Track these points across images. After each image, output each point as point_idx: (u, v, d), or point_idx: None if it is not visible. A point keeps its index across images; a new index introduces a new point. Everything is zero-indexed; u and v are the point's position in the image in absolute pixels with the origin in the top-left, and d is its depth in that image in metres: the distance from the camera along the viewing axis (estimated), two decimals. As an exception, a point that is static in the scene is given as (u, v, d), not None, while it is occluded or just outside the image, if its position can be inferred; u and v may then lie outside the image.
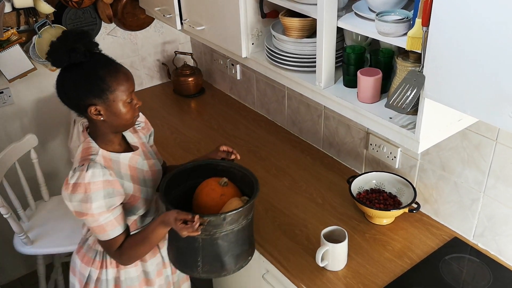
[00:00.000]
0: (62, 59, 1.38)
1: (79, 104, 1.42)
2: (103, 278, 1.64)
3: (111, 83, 1.40)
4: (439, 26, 1.15)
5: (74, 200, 1.42)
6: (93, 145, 1.48)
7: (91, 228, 1.49)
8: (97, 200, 1.41)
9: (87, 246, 1.65)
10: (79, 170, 1.41)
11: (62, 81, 1.42)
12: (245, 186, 1.63)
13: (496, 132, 1.55)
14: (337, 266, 1.65)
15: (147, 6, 2.51)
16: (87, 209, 1.42)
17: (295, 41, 1.67)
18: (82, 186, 1.40)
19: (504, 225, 1.63)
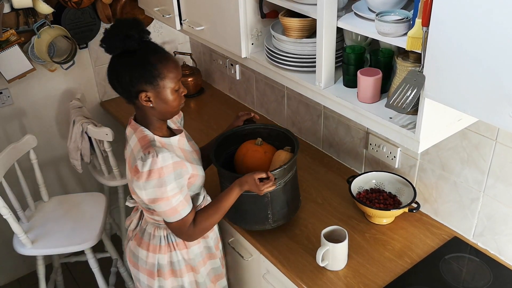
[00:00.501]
0: (117, 46, 1.42)
1: (130, 90, 1.46)
2: (174, 260, 1.69)
3: (162, 70, 1.45)
4: (439, 26, 1.15)
5: (149, 187, 1.45)
6: (147, 132, 1.52)
7: (162, 213, 1.51)
8: (171, 183, 1.46)
9: (148, 235, 1.68)
10: (149, 157, 1.44)
11: (115, 67, 1.46)
12: (274, 140, 1.84)
13: (496, 132, 1.55)
14: (338, 266, 1.65)
15: (146, 7, 2.51)
16: (162, 193, 1.45)
17: (295, 41, 1.67)
18: (156, 172, 1.43)
19: (504, 224, 1.64)
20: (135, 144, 1.51)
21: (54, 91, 2.69)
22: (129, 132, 1.57)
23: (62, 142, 2.80)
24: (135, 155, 1.49)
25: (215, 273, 1.81)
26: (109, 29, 1.44)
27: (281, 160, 1.72)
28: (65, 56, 2.51)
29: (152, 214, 1.63)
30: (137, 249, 1.71)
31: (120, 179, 2.58)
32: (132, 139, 1.54)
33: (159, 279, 1.71)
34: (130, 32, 1.41)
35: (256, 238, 1.80)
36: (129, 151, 1.54)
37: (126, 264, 2.81)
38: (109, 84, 1.51)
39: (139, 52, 1.44)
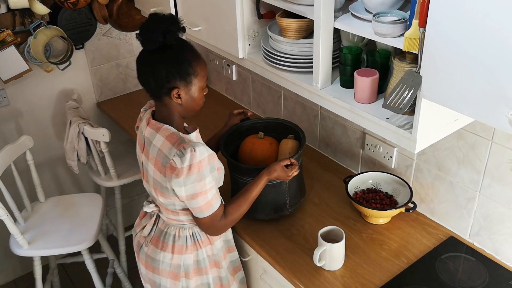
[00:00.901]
0: (156, 40, 1.42)
1: (164, 85, 1.46)
2: (200, 259, 1.68)
3: (196, 67, 1.48)
4: (436, 27, 1.16)
5: (189, 183, 1.45)
6: (172, 129, 1.52)
7: (197, 208, 1.51)
8: (208, 176, 1.47)
9: (171, 237, 1.66)
10: (187, 152, 1.43)
11: (151, 63, 1.45)
12: (271, 132, 1.95)
13: (492, 132, 1.56)
14: (335, 266, 1.66)
15: (142, 7, 2.51)
16: (201, 187, 1.46)
17: (292, 42, 1.67)
18: (196, 166, 1.44)
19: (500, 224, 1.65)
20: (162, 143, 1.49)
21: (50, 91, 2.68)
22: (150, 132, 1.54)
23: (59, 142, 2.79)
24: (165, 153, 1.47)
25: (234, 266, 1.81)
26: (148, 23, 1.44)
27: (288, 147, 1.83)
28: (62, 57, 2.51)
29: (178, 215, 1.62)
30: (157, 253, 1.67)
31: (117, 179, 2.58)
32: (156, 139, 1.51)
33: (183, 280, 1.68)
34: (171, 27, 1.42)
35: (253, 238, 1.81)
36: (155, 152, 1.51)
37: (123, 264, 2.81)
38: (138, 79, 1.51)
39: (175, 47, 1.45)
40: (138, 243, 1.76)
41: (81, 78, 2.76)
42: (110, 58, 2.81)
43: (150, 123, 1.56)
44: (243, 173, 1.77)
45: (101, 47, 2.75)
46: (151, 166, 1.54)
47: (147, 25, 1.44)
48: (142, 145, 1.60)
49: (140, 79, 1.51)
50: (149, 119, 1.58)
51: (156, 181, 1.54)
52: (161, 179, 1.51)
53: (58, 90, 2.71)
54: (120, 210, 2.73)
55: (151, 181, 1.57)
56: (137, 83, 2.96)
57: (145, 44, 1.45)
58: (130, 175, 2.61)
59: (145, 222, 1.75)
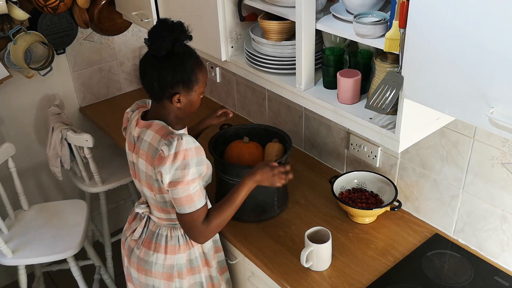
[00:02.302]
0: (165, 47, 1.44)
1: (168, 90, 1.49)
2: (192, 258, 1.69)
3: (198, 75, 1.51)
4: (415, 27, 1.17)
5: (173, 169, 1.46)
6: (162, 124, 1.54)
7: (177, 200, 1.50)
8: (192, 167, 1.47)
9: (163, 237, 1.66)
10: (174, 140, 1.45)
11: (158, 68, 1.47)
12: (255, 137, 1.97)
13: (473, 130, 1.58)
14: (322, 266, 1.66)
15: (124, 11, 2.49)
16: (183, 176, 1.46)
17: (275, 44, 1.68)
18: (182, 153, 1.45)
19: (483, 220, 1.67)
20: (152, 137, 1.52)
21: (31, 98, 2.65)
22: (140, 131, 1.56)
23: (41, 149, 2.75)
24: (155, 146, 1.49)
25: (221, 266, 1.82)
26: (157, 30, 1.45)
27: (275, 150, 1.86)
28: (42, 62, 2.48)
29: (169, 213, 1.63)
30: (150, 255, 1.67)
31: (102, 185, 2.55)
32: (147, 134, 1.53)
33: (176, 281, 1.69)
34: (180, 36, 1.45)
35: (240, 241, 1.80)
36: (145, 146, 1.53)
37: (110, 270, 2.79)
38: (141, 80, 1.53)
39: (181, 55, 1.48)
40: (129, 247, 1.75)
41: (63, 83, 2.72)
42: (92, 63, 2.78)
43: (139, 124, 1.58)
44: (233, 174, 1.78)
45: (83, 51, 2.72)
46: (142, 161, 1.55)
47: (157, 31, 1.46)
48: (132, 145, 1.61)
49: (143, 81, 1.53)
50: (138, 120, 1.59)
51: (148, 175, 1.55)
52: (152, 172, 1.53)
53: (40, 96, 2.67)
54: (105, 216, 2.71)
55: (143, 177, 1.58)
56: (120, 87, 2.94)
57: (153, 50, 1.47)
58: (115, 180, 2.59)
59: (135, 225, 1.75)
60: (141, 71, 1.53)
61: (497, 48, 1.03)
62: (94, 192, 2.58)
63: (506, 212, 1.59)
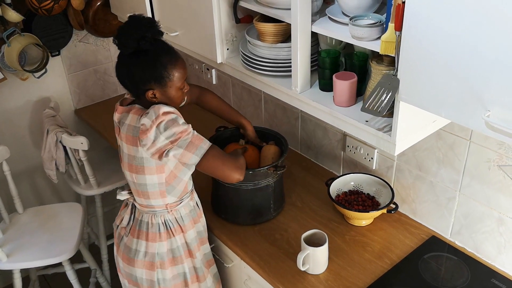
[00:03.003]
0: (131, 45, 1.46)
1: (139, 87, 1.52)
2: (174, 247, 1.69)
3: (171, 71, 1.51)
4: (411, 30, 1.16)
5: (163, 129, 1.47)
6: (141, 107, 1.56)
7: (190, 147, 1.51)
8: (180, 119, 1.51)
9: (145, 224, 1.68)
10: (149, 110, 1.49)
11: (127, 66, 1.51)
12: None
13: (470, 132, 1.58)
14: (319, 270, 1.66)
15: (119, 12, 2.47)
16: (178, 128, 1.49)
17: (270, 46, 1.67)
18: (162, 114, 1.47)
19: (480, 222, 1.66)
20: (131, 118, 1.54)
21: (26, 100, 2.63)
22: (120, 116, 1.59)
23: (36, 152, 2.74)
24: (134, 125, 1.53)
25: (207, 259, 1.81)
26: (124, 28, 1.48)
27: (271, 152, 1.85)
28: (37, 65, 2.46)
29: (149, 199, 1.63)
30: (134, 242, 1.69)
31: (97, 188, 2.54)
32: (128, 118, 1.56)
33: (158, 271, 1.69)
34: (146, 33, 1.45)
35: (236, 244, 1.79)
36: (125, 129, 1.56)
37: (106, 273, 2.77)
38: (117, 78, 1.56)
39: (151, 52, 1.49)
40: (119, 235, 1.77)
41: (58, 85, 2.71)
42: (87, 65, 2.76)
43: (117, 110, 1.62)
44: None
45: (78, 53, 2.70)
46: (124, 144, 1.58)
47: (124, 29, 1.48)
48: (117, 129, 1.64)
49: (118, 78, 1.57)
50: (117, 105, 1.63)
51: (130, 156, 1.57)
52: (134, 151, 1.55)
53: (35, 99, 2.66)
54: (101, 219, 2.69)
55: (126, 159, 1.61)
56: (116, 89, 2.92)
57: (120, 49, 1.51)
58: (110, 183, 2.57)
59: (123, 214, 1.76)
60: (115, 69, 1.57)
61: (493, 50, 1.02)
62: (90, 195, 2.56)
63: (503, 215, 1.59)
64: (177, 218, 1.69)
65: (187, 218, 1.71)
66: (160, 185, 1.59)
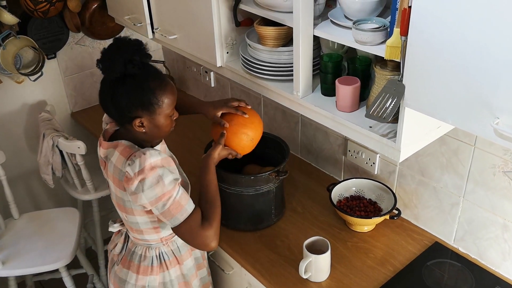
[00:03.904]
0: (117, 70, 1.33)
1: (125, 115, 1.40)
2: (166, 281, 1.62)
3: (160, 97, 1.39)
4: (418, 35, 1.13)
5: (146, 187, 1.36)
6: (128, 144, 1.44)
7: (166, 213, 1.40)
8: (166, 176, 1.38)
9: (137, 256, 1.60)
10: (136, 158, 1.36)
11: (112, 91, 1.38)
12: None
13: (474, 137, 1.55)
14: (321, 277, 1.63)
15: (116, 15, 2.44)
16: (162, 189, 1.37)
17: (271, 50, 1.64)
18: (148, 168, 1.35)
19: (484, 228, 1.64)
20: (117, 159, 1.43)
21: (22, 103, 2.59)
22: (107, 152, 1.47)
23: (32, 156, 2.70)
24: (120, 168, 1.42)
25: (203, 283, 1.76)
26: (109, 50, 1.35)
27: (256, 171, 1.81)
28: (33, 67, 2.42)
29: (142, 234, 1.56)
30: (124, 273, 1.62)
31: (94, 192, 2.50)
32: (114, 156, 1.44)
33: None
34: (133, 56, 1.34)
35: (236, 250, 1.76)
36: (111, 169, 1.45)
37: (103, 279, 2.74)
38: (100, 105, 1.43)
39: (139, 77, 1.36)
40: (111, 260, 1.71)
41: (54, 88, 2.67)
42: (84, 67, 2.73)
43: (102, 145, 1.49)
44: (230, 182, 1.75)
45: (74, 56, 2.67)
46: (112, 184, 1.50)
47: (108, 52, 1.35)
48: (103, 163, 1.53)
49: (101, 104, 1.44)
50: (100, 140, 1.51)
51: (118, 197, 1.49)
52: (121, 194, 1.46)
53: (30, 102, 2.62)
54: (98, 223, 2.66)
55: (114, 198, 1.53)
56: (112, 92, 2.88)
57: (105, 73, 1.38)
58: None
59: (116, 240, 1.70)
60: (99, 96, 1.43)
61: (502, 56, 1.00)
62: (87, 199, 2.52)
63: (507, 221, 1.56)
64: (173, 250, 1.62)
65: (184, 248, 1.64)
66: (153, 222, 1.52)
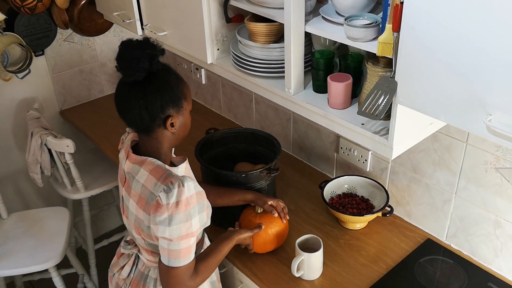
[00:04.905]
0: (143, 68, 1.27)
1: (159, 116, 1.32)
2: None
3: (184, 90, 1.36)
4: (410, 31, 1.12)
5: (174, 223, 1.28)
6: (157, 162, 1.35)
7: (174, 252, 1.32)
8: (195, 217, 1.31)
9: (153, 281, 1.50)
10: (174, 187, 1.27)
11: (142, 93, 1.29)
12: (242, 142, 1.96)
13: (466, 134, 1.55)
14: (313, 275, 1.62)
15: (105, 11, 2.41)
16: (187, 229, 1.30)
17: (262, 46, 1.62)
18: (183, 203, 1.28)
19: (476, 225, 1.64)
20: (147, 178, 1.33)
21: (9, 101, 2.55)
22: (131, 167, 1.38)
23: (20, 155, 2.66)
24: (151, 190, 1.31)
25: None
26: (128, 50, 1.28)
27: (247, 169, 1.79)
28: (20, 65, 2.38)
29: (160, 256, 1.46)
30: None
31: (84, 191, 2.47)
32: (140, 174, 1.35)
33: None
34: (154, 51, 1.28)
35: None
36: (138, 188, 1.35)
37: (94, 278, 2.71)
38: (124, 116, 1.34)
39: (161, 74, 1.32)
40: (117, 285, 1.59)
41: (42, 86, 2.63)
42: (72, 64, 2.69)
43: (130, 157, 1.40)
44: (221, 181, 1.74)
45: (63, 53, 2.63)
46: (133, 203, 1.39)
47: (128, 53, 1.28)
48: (123, 178, 1.44)
49: (127, 115, 1.33)
50: (129, 152, 1.41)
51: (138, 219, 1.38)
52: (144, 217, 1.35)
53: (18, 100, 2.58)
54: (89, 223, 2.63)
55: (133, 219, 1.41)
56: (102, 89, 2.85)
57: (131, 76, 1.28)
58: (98, 186, 2.51)
59: (123, 262, 1.58)
60: (121, 105, 1.34)
61: (496, 53, 0.99)
62: (77, 198, 2.49)
63: (499, 218, 1.56)
64: None
65: None
66: None
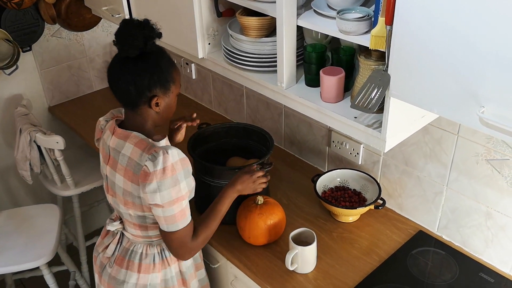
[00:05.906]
0: (137, 46, 1.35)
1: (145, 94, 1.39)
2: (168, 277, 1.59)
3: (174, 74, 1.43)
4: (403, 25, 1.12)
5: (164, 188, 1.36)
6: (141, 136, 1.43)
7: (170, 218, 1.40)
8: (182, 181, 1.39)
9: (137, 255, 1.56)
10: (159, 155, 1.35)
11: (134, 68, 1.37)
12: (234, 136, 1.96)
13: (458, 126, 1.56)
14: (307, 269, 1.63)
15: (93, 6, 2.38)
16: (177, 193, 1.38)
17: (254, 40, 1.62)
18: (169, 169, 1.36)
19: (467, 216, 1.66)
20: (132, 151, 1.41)
21: (-3, 98, 2.52)
22: (116, 142, 1.45)
23: (9, 152, 2.63)
24: (136, 161, 1.39)
25: (202, 284, 1.72)
26: (127, 28, 1.35)
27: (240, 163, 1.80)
28: (7, 61, 2.35)
29: (147, 230, 1.52)
30: (122, 274, 1.57)
31: (74, 188, 2.45)
32: (125, 148, 1.42)
33: None
34: (151, 33, 1.36)
35: (222, 244, 1.75)
36: (124, 161, 1.42)
37: (85, 275, 2.70)
38: (113, 87, 1.42)
39: (155, 55, 1.40)
40: (101, 263, 1.65)
41: (30, 82, 2.60)
42: (60, 60, 2.66)
43: (116, 132, 1.47)
44: (214, 175, 1.73)
45: (50, 48, 2.60)
46: (120, 177, 1.45)
47: (126, 30, 1.36)
48: (106, 157, 1.50)
49: (116, 88, 1.41)
50: (115, 128, 1.48)
51: (127, 192, 1.45)
52: (133, 188, 1.42)
53: (6, 96, 2.54)
54: (79, 219, 2.61)
55: (120, 193, 1.47)
56: (91, 85, 2.83)
57: (125, 51, 1.36)
58: (88, 183, 2.49)
59: (108, 241, 1.64)
60: (112, 77, 1.42)
61: (489, 46, 0.99)
62: (67, 195, 2.47)
63: (490, 209, 1.58)
64: None
65: None
66: None
